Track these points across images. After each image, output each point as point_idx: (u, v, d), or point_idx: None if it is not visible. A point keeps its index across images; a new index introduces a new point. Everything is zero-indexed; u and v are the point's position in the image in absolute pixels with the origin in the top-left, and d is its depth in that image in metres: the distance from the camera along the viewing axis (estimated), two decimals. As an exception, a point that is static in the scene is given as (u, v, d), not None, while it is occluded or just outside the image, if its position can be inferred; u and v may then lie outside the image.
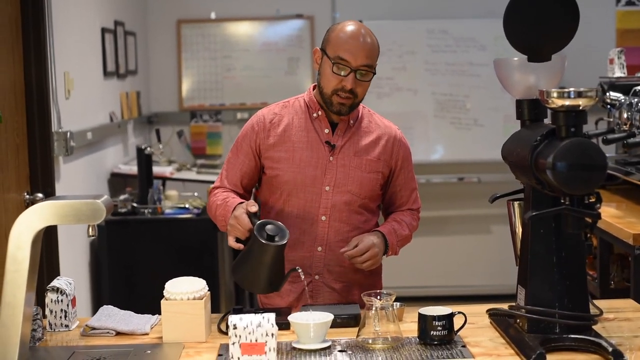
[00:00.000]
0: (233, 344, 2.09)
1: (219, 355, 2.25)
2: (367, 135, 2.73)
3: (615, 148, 4.48)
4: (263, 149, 2.72)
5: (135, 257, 4.85)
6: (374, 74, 2.66)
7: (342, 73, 2.60)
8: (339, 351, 2.23)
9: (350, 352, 2.22)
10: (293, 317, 2.31)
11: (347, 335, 2.36)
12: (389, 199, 2.83)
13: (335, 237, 2.71)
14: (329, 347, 2.25)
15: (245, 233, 2.53)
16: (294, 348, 2.26)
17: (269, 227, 2.49)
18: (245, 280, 2.54)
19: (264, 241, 2.44)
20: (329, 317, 2.30)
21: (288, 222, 2.65)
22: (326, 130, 2.70)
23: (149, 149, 4.98)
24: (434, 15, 6.28)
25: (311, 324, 2.26)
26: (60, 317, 2.51)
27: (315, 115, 2.71)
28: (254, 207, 2.53)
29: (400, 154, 2.78)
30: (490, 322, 2.44)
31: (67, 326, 2.52)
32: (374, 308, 2.26)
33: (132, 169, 5.16)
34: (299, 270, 2.49)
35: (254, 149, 2.73)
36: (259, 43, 6.35)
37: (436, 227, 6.47)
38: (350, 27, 2.65)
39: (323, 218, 2.70)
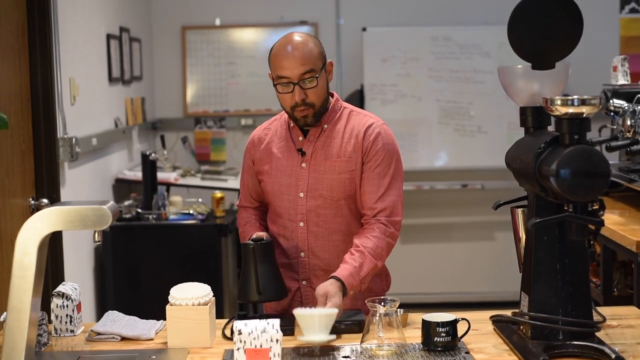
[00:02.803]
0: (238, 349, 2.10)
1: (224, 360, 2.26)
2: (341, 136, 2.71)
3: (618, 155, 4.49)
4: (255, 165, 2.81)
5: (139, 263, 4.86)
6: (317, 77, 2.61)
7: (287, 90, 2.62)
8: (343, 357, 2.24)
9: (354, 358, 2.23)
10: (298, 310, 2.33)
11: (351, 341, 2.37)
12: (359, 197, 2.72)
13: (315, 242, 2.71)
14: (334, 341, 2.28)
15: None
16: (297, 354, 2.26)
17: (253, 236, 2.63)
18: (240, 291, 2.58)
19: (242, 243, 2.58)
20: (333, 310, 2.33)
21: (275, 231, 2.77)
22: (300, 138, 2.73)
23: (153, 154, 4.99)
24: (438, 22, 6.30)
25: (316, 315, 2.28)
26: (66, 322, 2.52)
27: (292, 125, 2.76)
28: (260, 234, 2.67)
29: (368, 146, 2.67)
30: (494, 329, 2.44)
31: (72, 331, 2.53)
32: (377, 314, 2.26)
33: (137, 174, 5.17)
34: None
35: (251, 167, 2.83)
36: (263, 49, 6.35)
37: (440, 234, 6.48)
38: (280, 43, 2.65)
39: (301, 224, 2.72)
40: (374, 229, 2.62)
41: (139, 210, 4.90)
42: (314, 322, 2.27)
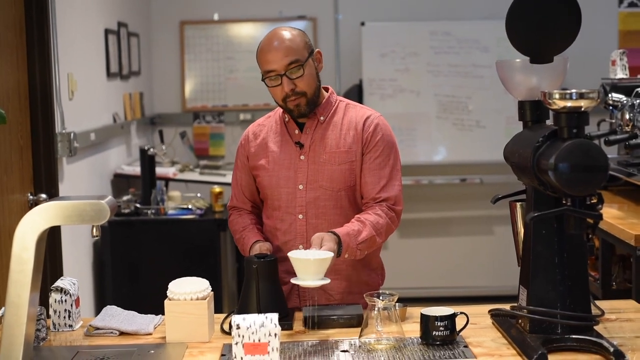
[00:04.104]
0: (236, 344, 2.10)
1: (222, 355, 2.26)
2: (339, 128, 2.74)
3: (617, 149, 4.49)
4: (249, 160, 2.82)
5: (138, 258, 4.86)
6: (302, 66, 2.63)
7: (276, 83, 2.65)
8: (342, 351, 2.24)
9: (352, 352, 2.23)
10: (293, 254, 2.34)
11: (349, 335, 2.37)
12: (359, 187, 2.75)
13: (314, 234, 2.70)
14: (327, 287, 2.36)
15: None
16: (295, 348, 2.26)
17: (256, 247, 2.64)
18: (240, 307, 2.51)
19: (246, 258, 2.56)
20: (328, 254, 2.35)
21: (272, 225, 2.77)
22: (296, 131, 2.75)
23: (152, 149, 4.99)
24: (437, 17, 6.29)
25: (312, 260, 2.30)
26: (64, 317, 2.52)
27: (286, 119, 2.77)
28: (264, 247, 2.66)
29: (368, 137, 2.71)
30: (492, 323, 2.45)
31: (70, 326, 2.53)
32: (376, 308, 2.26)
33: (135, 169, 5.17)
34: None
35: (245, 163, 2.83)
36: (261, 44, 6.34)
37: (438, 228, 6.48)
38: (264, 39, 2.70)
39: (300, 216, 2.73)
40: (375, 208, 2.68)
41: (138, 205, 4.90)
42: (309, 266, 2.29)
